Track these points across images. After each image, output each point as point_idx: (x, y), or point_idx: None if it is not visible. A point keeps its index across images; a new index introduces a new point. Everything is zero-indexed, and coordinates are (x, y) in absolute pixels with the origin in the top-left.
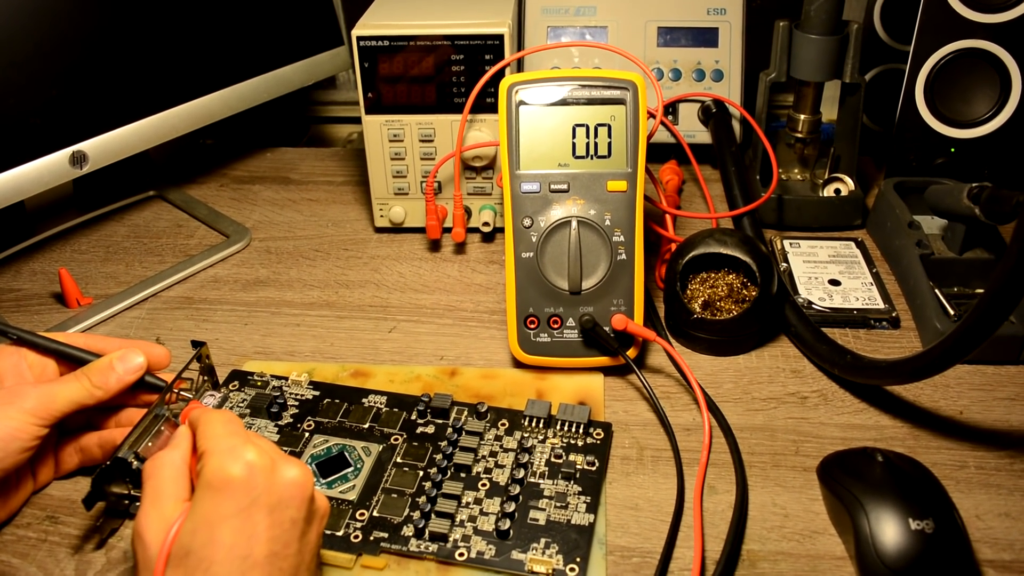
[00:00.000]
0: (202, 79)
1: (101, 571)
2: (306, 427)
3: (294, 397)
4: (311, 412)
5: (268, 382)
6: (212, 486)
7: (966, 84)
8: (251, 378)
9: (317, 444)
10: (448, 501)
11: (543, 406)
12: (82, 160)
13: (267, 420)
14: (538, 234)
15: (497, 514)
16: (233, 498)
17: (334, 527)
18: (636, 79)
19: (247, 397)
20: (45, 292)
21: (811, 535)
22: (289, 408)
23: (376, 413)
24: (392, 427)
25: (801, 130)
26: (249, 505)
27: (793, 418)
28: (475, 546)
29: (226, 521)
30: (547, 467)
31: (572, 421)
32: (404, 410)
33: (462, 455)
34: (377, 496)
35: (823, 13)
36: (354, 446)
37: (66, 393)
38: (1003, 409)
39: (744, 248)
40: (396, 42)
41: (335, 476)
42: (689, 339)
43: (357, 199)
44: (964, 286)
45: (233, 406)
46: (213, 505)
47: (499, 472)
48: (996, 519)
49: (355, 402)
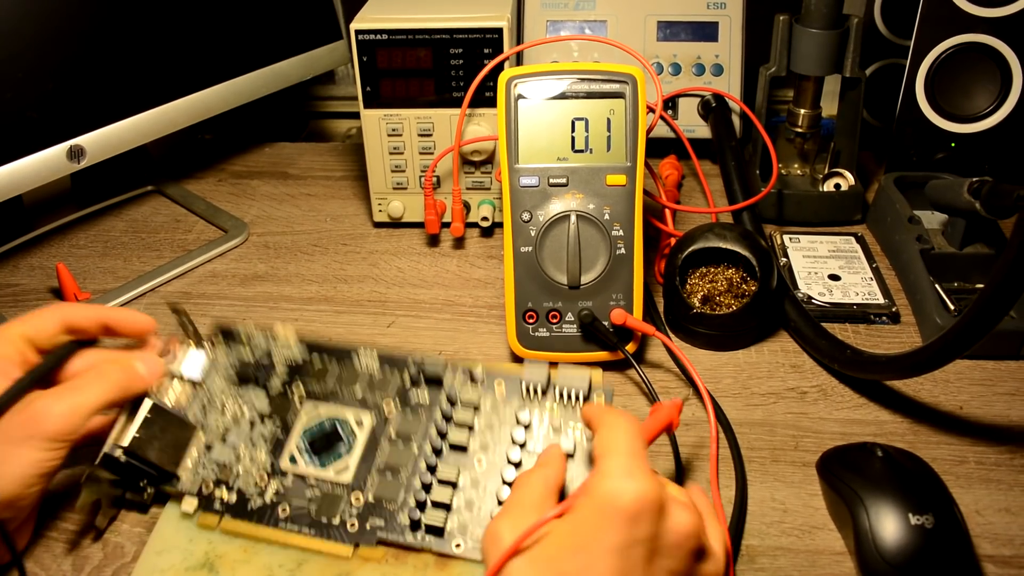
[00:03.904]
0: (200, 73)
1: (98, 566)
2: (296, 392)
3: (282, 356)
4: (300, 372)
5: (252, 336)
6: (600, 508)
7: (967, 79)
8: (236, 334)
9: (309, 414)
10: (444, 488)
11: (541, 370)
12: (80, 154)
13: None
14: (537, 228)
15: (496, 495)
16: (618, 532)
17: (330, 514)
18: (636, 73)
19: (234, 361)
20: (43, 287)
21: (810, 530)
22: (277, 369)
23: (368, 377)
24: (385, 393)
25: (801, 125)
26: (632, 545)
27: (792, 413)
28: (471, 536)
29: (608, 554)
30: (544, 442)
31: (572, 388)
32: (396, 369)
33: (457, 432)
34: (372, 477)
35: (823, 7)
36: (346, 418)
37: (90, 402)
38: (1003, 404)
39: (744, 243)
40: (395, 36)
41: (328, 453)
42: (688, 334)
43: (356, 194)
44: (964, 281)
45: (218, 367)
46: (595, 529)
47: (495, 448)
48: (996, 514)
49: (345, 360)
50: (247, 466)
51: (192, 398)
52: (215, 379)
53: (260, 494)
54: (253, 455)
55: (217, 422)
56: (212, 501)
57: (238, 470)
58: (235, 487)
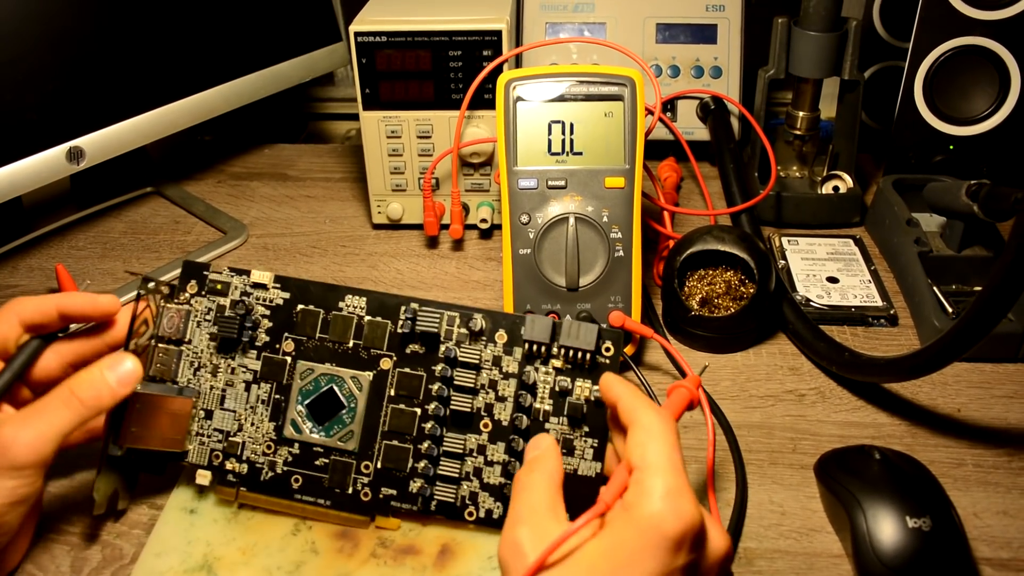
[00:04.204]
0: (200, 75)
1: (97, 568)
2: (286, 349)
3: (263, 304)
4: (287, 327)
5: (230, 283)
6: (642, 532)
7: (965, 81)
8: (209, 280)
9: (303, 376)
10: (452, 461)
11: (545, 326)
12: (79, 156)
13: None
14: (536, 231)
15: (503, 463)
16: (661, 559)
17: (342, 485)
18: (634, 75)
19: (211, 307)
20: (42, 288)
21: (808, 533)
22: (261, 323)
23: (358, 325)
24: (379, 346)
25: (800, 127)
26: (672, 572)
27: (791, 415)
28: (483, 504)
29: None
30: (552, 401)
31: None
32: (388, 319)
33: (459, 397)
34: (378, 443)
35: (822, 9)
36: (343, 377)
37: (57, 428)
38: (1001, 407)
39: (742, 245)
40: (394, 38)
41: (331, 421)
42: (687, 336)
43: (355, 195)
44: (962, 283)
45: (200, 321)
46: (635, 554)
47: (500, 408)
48: (994, 517)
49: (332, 308)
50: (252, 434)
51: (178, 359)
52: (199, 335)
53: (271, 465)
54: (255, 421)
55: (210, 384)
56: (225, 473)
57: (243, 439)
58: (245, 458)
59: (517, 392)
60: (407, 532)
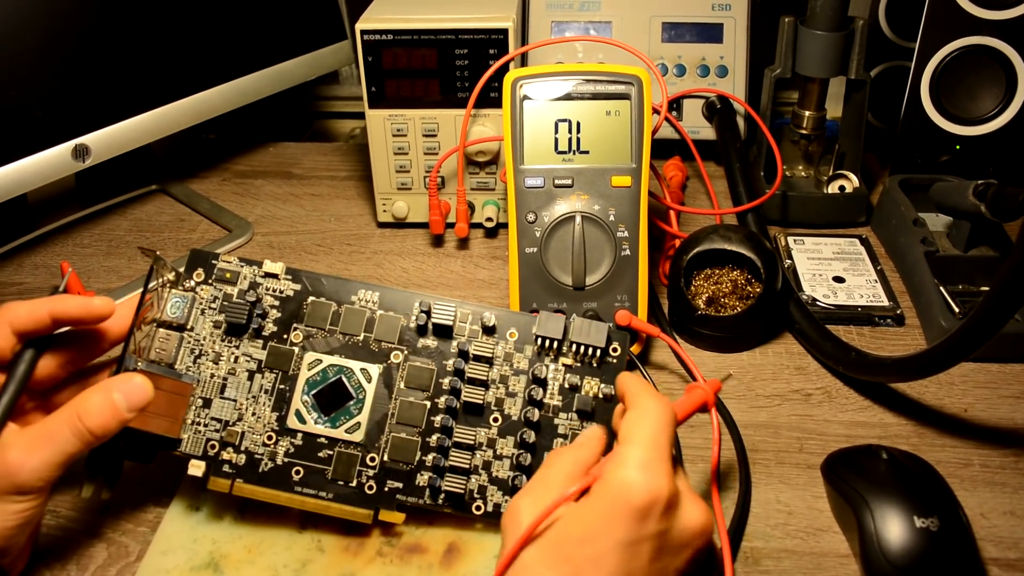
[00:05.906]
0: (205, 73)
1: (103, 566)
2: (294, 339)
3: (272, 295)
4: (296, 317)
5: (239, 272)
6: (612, 499)
7: (972, 81)
8: (218, 269)
9: (311, 366)
10: (461, 452)
11: (557, 323)
12: (84, 153)
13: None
14: (542, 229)
15: (512, 456)
16: (627, 527)
17: (346, 477)
18: (641, 74)
19: (217, 295)
20: (47, 286)
21: (815, 532)
22: (270, 313)
23: (369, 319)
24: (390, 339)
25: (806, 126)
26: (640, 541)
27: (797, 415)
28: (492, 498)
29: (615, 549)
30: (561, 397)
31: (589, 344)
32: (400, 314)
33: (470, 390)
34: (385, 436)
35: (829, 9)
36: (351, 368)
37: (64, 454)
38: (1008, 407)
39: (748, 244)
40: (400, 36)
41: (338, 411)
42: (693, 335)
43: (360, 194)
44: (969, 284)
45: (204, 309)
46: (605, 520)
47: (511, 403)
48: (1001, 517)
49: (344, 301)
50: (252, 424)
51: (179, 346)
52: (202, 323)
53: (271, 456)
54: (256, 411)
55: (211, 372)
56: (220, 464)
57: (243, 429)
58: (243, 448)
59: (528, 387)
60: (414, 531)
